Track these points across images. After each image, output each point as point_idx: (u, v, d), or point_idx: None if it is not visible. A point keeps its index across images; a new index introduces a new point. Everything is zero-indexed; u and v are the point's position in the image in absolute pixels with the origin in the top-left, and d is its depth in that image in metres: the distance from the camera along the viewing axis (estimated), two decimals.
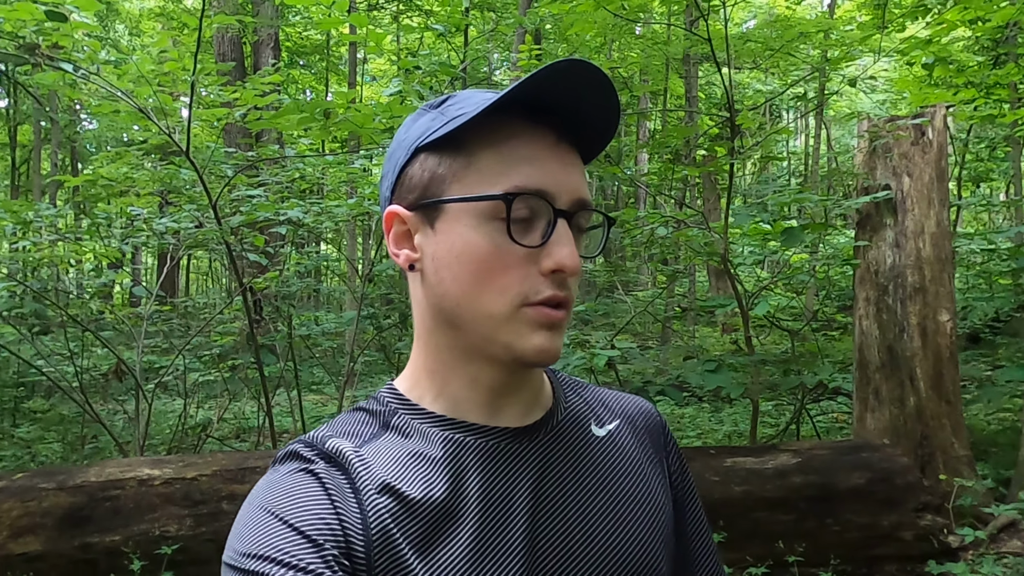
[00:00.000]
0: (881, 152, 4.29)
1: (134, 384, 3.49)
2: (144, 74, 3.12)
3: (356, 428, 0.70)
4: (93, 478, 2.83)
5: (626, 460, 0.78)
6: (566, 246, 0.65)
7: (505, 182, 0.65)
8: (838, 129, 22.70)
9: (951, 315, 4.18)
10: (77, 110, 17.70)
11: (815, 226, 3.42)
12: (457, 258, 0.67)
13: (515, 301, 0.65)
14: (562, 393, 0.79)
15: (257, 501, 0.63)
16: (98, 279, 4.37)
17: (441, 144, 0.68)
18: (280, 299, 4.71)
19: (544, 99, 0.66)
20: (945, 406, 4.09)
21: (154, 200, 4.18)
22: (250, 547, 0.59)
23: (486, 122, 0.66)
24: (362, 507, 0.63)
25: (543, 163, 0.66)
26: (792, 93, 6.82)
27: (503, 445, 0.70)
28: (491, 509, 0.67)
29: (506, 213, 0.64)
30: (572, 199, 0.67)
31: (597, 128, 0.70)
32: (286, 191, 4.33)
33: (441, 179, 0.68)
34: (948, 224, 4.27)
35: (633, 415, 0.83)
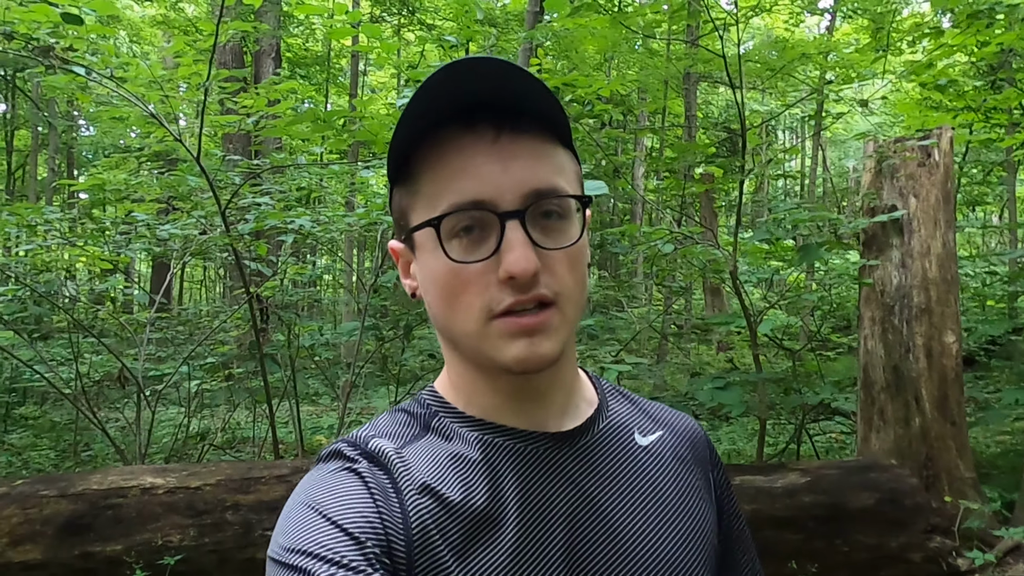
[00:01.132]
0: (888, 173, 4.31)
1: (135, 391, 3.44)
2: (156, 79, 3.10)
3: (398, 429, 0.71)
4: (95, 486, 2.78)
5: (670, 471, 0.76)
6: (513, 250, 0.63)
7: (443, 203, 0.64)
8: (834, 150, 22.87)
9: (957, 336, 4.18)
10: (75, 116, 17.68)
11: (833, 243, 3.41)
12: (429, 283, 0.68)
13: (481, 316, 0.65)
14: (606, 400, 0.79)
15: (301, 498, 0.64)
16: (100, 284, 4.34)
17: (399, 175, 0.69)
18: (282, 308, 4.68)
19: (466, 101, 0.64)
20: (950, 427, 4.08)
21: (154, 207, 4.15)
22: (294, 542, 0.60)
23: (422, 143, 0.66)
24: (404, 507, 0.63)
25: (478, 170, 0.64)
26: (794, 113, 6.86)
27: (542, 450, 0.70)
28: (530, 514, 0.66)
29: (437, 237, 0.64)
30: (521, 194, 0.64)
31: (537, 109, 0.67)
32: (291, 200, 4.31)
33: (406, 210, 0.69)
34: (954, 246, 4.28)
35: (677, 428, 0.82)
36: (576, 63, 12.36)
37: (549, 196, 0.65)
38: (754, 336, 3.60)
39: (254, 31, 3.85)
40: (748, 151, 4.15)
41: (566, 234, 0.67)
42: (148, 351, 5.39)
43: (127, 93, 3.03)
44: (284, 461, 3.06)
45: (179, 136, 3.11)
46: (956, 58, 8.69)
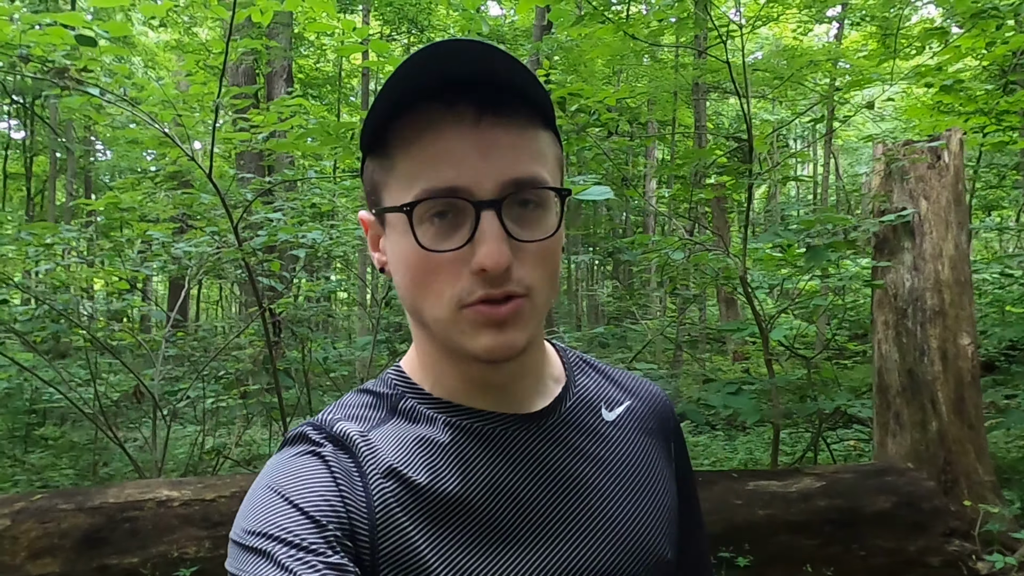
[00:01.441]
0: (897, 176, 4.30)
1: (151, 408, 3.49)
2: (169, 98, 3.16)
3: (364, 412, 0.70)
4: (112, 499, 2.81)
5: (635, 444, 0.77)
6: (487, 243, 0.61)
7: (416, 187, 0.62)
8: (846, 158, 22.78)
9: (972, 338, 4.14)
10: (92, 141, 17.96)
11: (839, 244, 3.40)
12: (398, 264, 0.67)
13: (451, 304, 0.64)
14: (573, 375, 0.78)
15: (264, 481, 0.64)
16: (118, 303, 4.40)
17: (371, 147, 0.67)
18: (296, 323, 4.71)
19: (449, 79, 0.62)
20: (968, 431, 4.04)
21: (171, 226, 4.22)
22: (255, 525, 0.60)
23: (400, 118, 0.63)
24: (368, 490, 0.63)
25: (456, 155, 0.62)
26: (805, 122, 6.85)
27: (510, 432, 0.70)
28: (499, 496, 0.66)
29: (409, 224, 0.62)
30: (499, 183, 0.62)
31: (521, 91, 0.64)
32: (302, 216, 4.37)
33: (377, 186, 0.67)
34: (966, 247, 4.25)
35: (644, 395, 0.83)
36: (585, 77, 12.43)
37: (528, 186, 0.63)
38: (766, 342, 3.59)
39: (265, 50, 3.90)
40: (758, 158, 4.16)
41: (542, 225, 0.65)
42: (165, 369, 5.46)
43: (140, 113, 3.09)
44: None
45: (191, 154, 3.16)
46: (966, 62, 8.66)
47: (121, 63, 2.96)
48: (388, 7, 10.77)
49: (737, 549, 2.88)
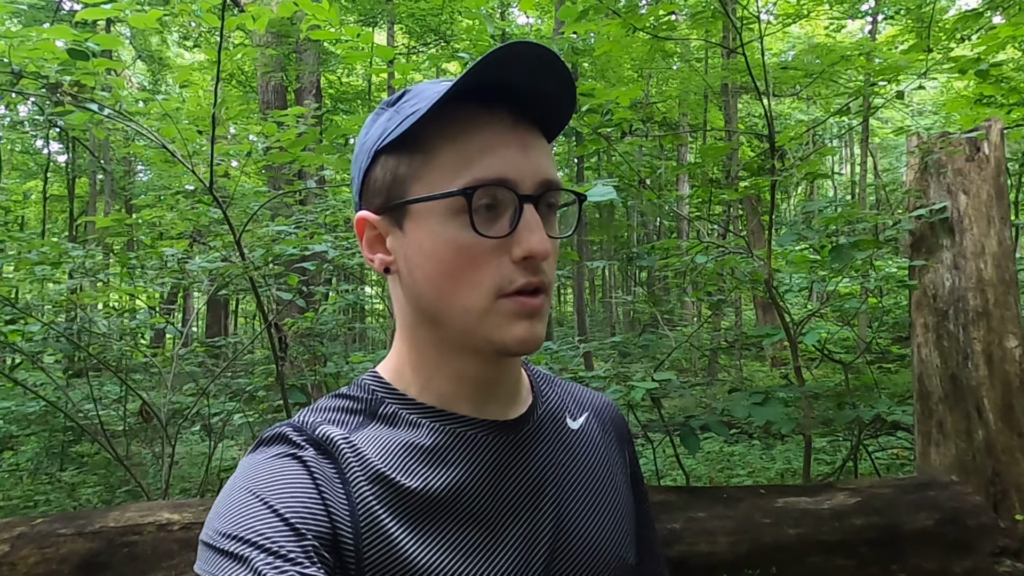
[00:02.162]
0: (934, 170, 4.07)
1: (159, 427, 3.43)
2: (168, 112, 3.11)
3: (342, 416, 0.70)
4: (112, 523, 2.74)
5: (597, 452, 0.80)
6: (535, 231, 0.64)
7: (465, 175, 0.64)
8: (884, 156, 22.20)
9: (1019, 340, 3.88)
10: (131, 162, 18.33)
11: (866, 242, 3.20)
12: (428, 258, 0.66)
13: (490, 294, 0.65)
14: (539, 387, 0.81)
15: (241, 482, 0.62)
16: (129, 321, 4.38)
17: (399, 144, 0.67)
18: (312, 337, 4.64)
19: (497, 83, 0.64)
20: (1018, 439, 3.78)
21: (183, 242, 4.18)
22: (230, 527, 0.58)
23: (441, 115, 0.65)
24: (350, 497, 0.62)
25: (502, 150, 0.65)
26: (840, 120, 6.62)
27: (492, 438, 0.71)
28: (483, 499, 0.67)
29: (467, 208, 0.64)
30: (536, 181, 0.66)
31: (554, 105, 0.68)
32: (320, 228, 4.30)
33: (403, 180, 0.67)
34: (1011, 243, 4.00)
35: (599, 408, 0.86)
36: (613, 82, 12.27)
37: (556, 188, 0.68)
38: (794, 348, 3.39)
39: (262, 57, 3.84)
40: (793, 156, 3.99)
41: (560, 228, 0.71)
42: (188, 386, 5.44)
43: (139, 127, 3.03)
44: None
45: (192, 167, 3.09)
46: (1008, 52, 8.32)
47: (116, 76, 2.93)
48: (411, 18, 10.77)
49: (764, 572, 2.69)
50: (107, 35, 2.59)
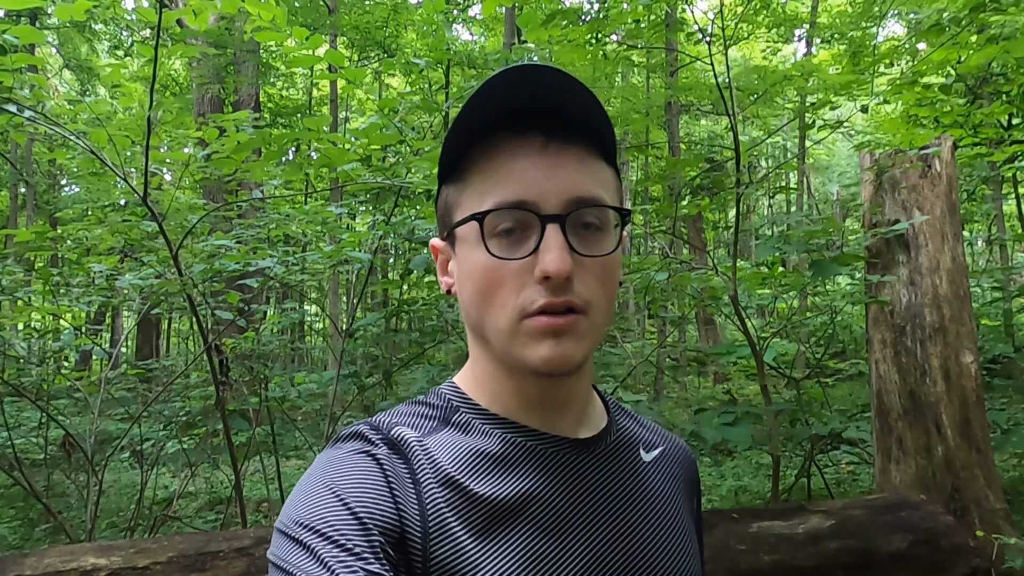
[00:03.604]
0: (889, 186, 4.08)
1: (82, 459, 3.12)
2: (99, 116, 2.85)
3: (418, 420, 0.72)
4: (29, 571, 2.44)
5: (667, 489, 0.79)
6: (551, 251, 0.65)
7: (489, 200, 0.67)
8: (817, 176, 22.91)
9: (974, 356, 3.91)
10: (56, 174, 17.47)
11: (847, 256, 3.16)
12: (466, 278, 0.70)
13: (514, 315, 0.67)
14: (614, 414, 0.82)
15: (317, 474, 0.65)
16: (54, 343, 4.03)
17: (449, 173, 0.73)
18: (255, 359, 4.36)
19: (517, 107, 0.66)
20: (975, 454, 3.79)
21: (114, 258, 3.87)
22: (303, 517, 0.60)
23: (475, 144, 0.68)
24: (420, 497, 0.64)
25: (524, 173, 0.67)
26: (776, 141, 6.70)
27: (562, 453, 0.72)
28: (550, 512, 0.68)
29: (480, 232, 0.67)
30: (563, 200, 0.66)
31: (583, 121, 0.69)
32: (262, 244, 4.05)
33: (451, 207, 0.72)
34: (963, 260, 4.03)
35: (672, 449, 0.86)
36: None
37: (589, 204, 0.68)
38: (761, 366, 3.32)
39: (198, 66, 3.61)
40: (747, 170, 3.95)
41: (602, 245, 0.69)
42: (119, 412, 5.06)
43: (65, 131, 2.77)
44: (247, 531, 2.72)
45: (124, 176, 2.84)
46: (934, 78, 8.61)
47: (37, 74, 2.68)
48: (355, 30, 10.56)
49: None
50: (28, 27, 2.33)
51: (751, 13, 12.42)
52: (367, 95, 16.78)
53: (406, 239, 3.95)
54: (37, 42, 2.50)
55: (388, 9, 11.53)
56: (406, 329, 4.89)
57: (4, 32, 2.37)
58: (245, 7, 2.83)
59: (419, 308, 4.45)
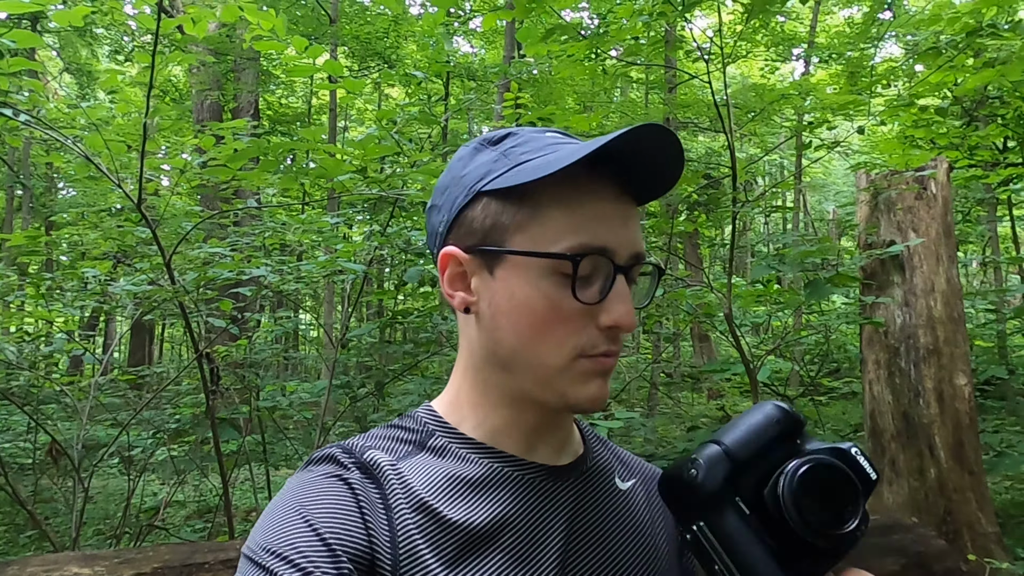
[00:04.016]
0: (884, 207, 4.09)
1: (72, 465, 3.09)
2: (95, 121, 2.84)
3: (392, 444, 0.71)
4: None
5: (640, 517, 0.79)
6: (624, 304, 0.67)
7: (571, 239, 0.66)
8: (813, 195, 22.98)
9: (968, 378, 3.91)
10: (53, 177, 17.44)
11: (843, 277, 3.16)
12: (516, 308, 0.68)
13: (572, 354, 0.67)
14: (590, 443, 0.81)
15: (286, 498, 0.64)
16: (46, 347, 4.01)
17: (505, 192, 0.68)
18: (247, 367, 4.34)
19: (610, 153, 0.66)
20: (968, 477, 3.78)
21: (107, 264, 3.85)
22: (269, 542, 0.59)
23: (559, 175, 0.66)
24: (391, 522, 0.63)
25: (607, 220, 0.67)
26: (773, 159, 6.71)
27: (539, 480, 0.71)
28: (525, 540, 0.67)
29: (572, 272, 0.65)
30: (630, 253, 0.68)
31: (657, 184, 0.70)
32: (257, 252, 4.03)
33: (504, 228, 0.68)
34: (958, 282, 4.04)
35: (648, 477, 0.85)
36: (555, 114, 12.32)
37: (644, 261, 0.70)
38: (754, 384, 3.31)
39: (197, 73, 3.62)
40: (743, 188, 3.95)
41: (642, 298, 0.74)
42: (108, 418, 5.02)
43: (60, 136, 2.76)
44: (234, 542, 2.70)
45: (119, 182, 2.83)
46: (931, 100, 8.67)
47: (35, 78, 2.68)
48: (355, 41, 10.60)
49: None
50: (26, 31, 2.33)
51: (750, 32, 12.51)
52: (367, 104, 16.81)
53: (402, 250, 3.94)
54: (35, 46, 2.49)
55: (389, 20, 11.58)
56: (400, 340, 4.87)
57: (1, 35, 2.36)
58: (245, 16, 2.83)
59: (414, 319, 4.43)
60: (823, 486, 0.58)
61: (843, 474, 0.59)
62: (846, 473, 0.59)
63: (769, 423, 0.61)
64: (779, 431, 0.61)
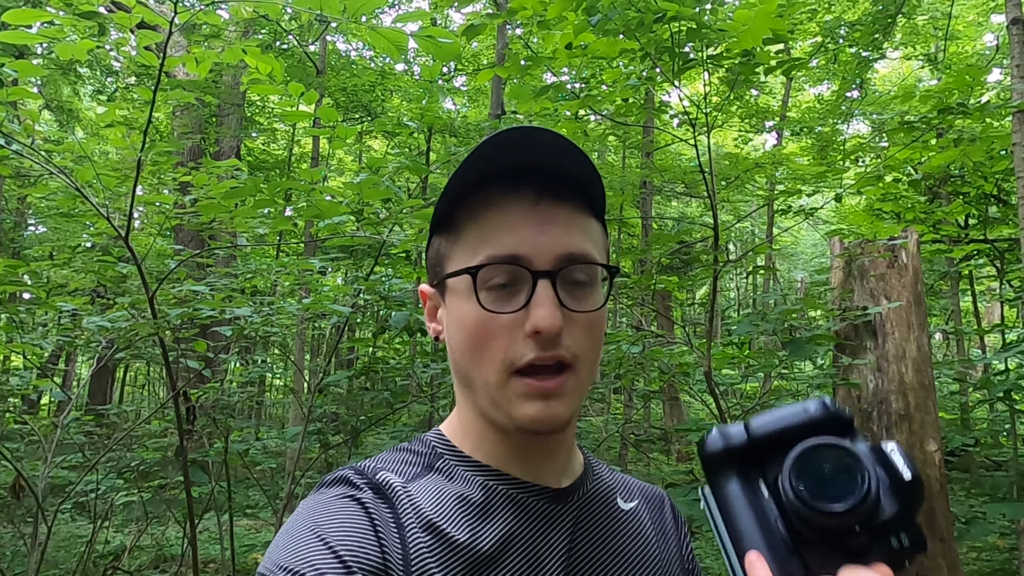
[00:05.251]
0: (858, 274, 4.21)
1: (36, 502, 2.98)
2: (86, 154, 2.85)
3: (402, 467, 0.72)
4: None
5: (647, 537, 0.79)
6: (542, 307, 0.66)
7: (481, 254, 0.68)
8: (783, 263, 23.48)
9: (938, 444, 3.97)
10: (24, 212, 17.20)
11: (822, 336, 3.22)
12: (457, 329, 0.71)
13: (503, 368, 0.67)
14: (591, 465, 0.82)
15: (301, 519, 0.65)
16: (6, 381, 3.90)
17: (440, 224, 0.73)
18: (218, 410, 4.26)
19: (516, 165, 0.68)
20: (939, 545, 3.80)
21: (84, 299, 3.80)
22: (286, 560, 0.60)
23: (469, 197, 0.70)
24: (404, 542, 0.64)
25: (517, 228, 0.68)
26: (744, 227, 6.90)
27: (541, 503, 0.72)
28: (528, 562, 0.68)
29: (473, 285, 0.67)
30: (554, 256, 0.67)
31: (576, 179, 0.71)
32: (236, 292, 4.01)
33: (442, 257, 0.73)
34: (929, 349, 4.14)
35: (651, 499, 0.86)
36: None
37: (580, 261, 0.69)
38: None
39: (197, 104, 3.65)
40: (723, 250, 4.05)
41: (591, 300, 0.71)
42: (70, 459, 4.86)
43: (53, 167, 2.75)
44: None
45: (108, 215, 2.82)
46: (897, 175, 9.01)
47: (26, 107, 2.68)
48: (342, 92, 10.77)
49: None
50: (27, 62, 2.35)
51: (725, 103, 12.95)
52: (347, 156, 16.99)
53: (382, 298, 3.94)
54: (33, 75, 2.50)
55: (375, 74, 11.80)
56: (373, 388, 4.83)
57: (1, 66, 2.38)
58: (245, 59, 2.89)
59: (390, 368, 4.41)
60: (822, 466, 0.55)
61: (843, 453, 0.55)
62: (846, 452, 0.55)
63: (801, 411, 0.59)
64: (809, 419, 0.58)
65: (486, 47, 13.14)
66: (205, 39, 5.55)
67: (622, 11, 2.30)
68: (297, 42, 11.41)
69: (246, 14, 2.56)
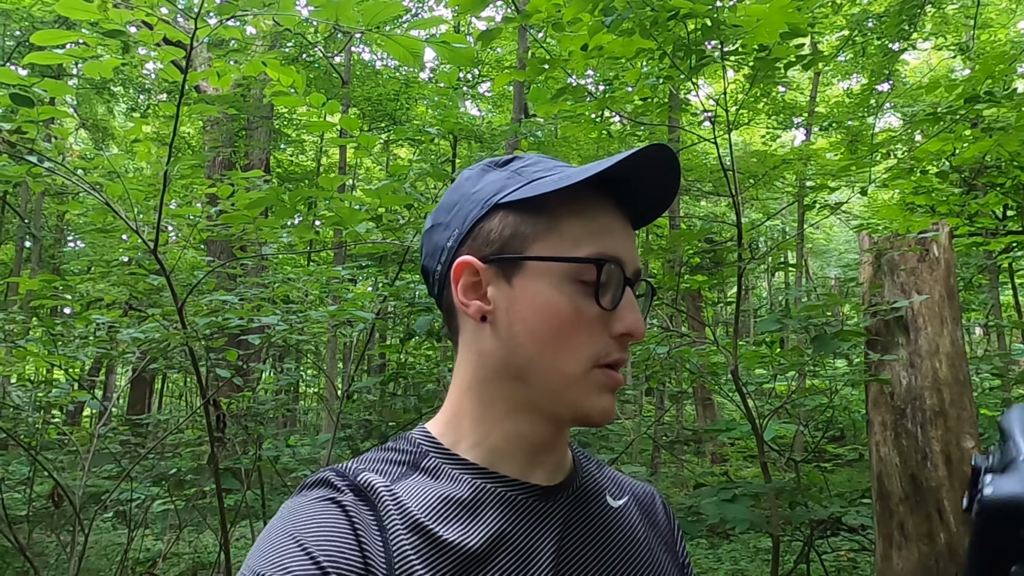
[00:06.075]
0: (888, 269, 4.14)
1: (73, 510, 3.06)
2: (116, 169, 2.92)
3: (386, 467, 0.71)
4: None
5: (638, 534, 0.79)
6: (634, 312, 0.70)
7: (588, 248, 0.69)
8: (815, 260, 23.16)
9: (976, 441, 3.88)
10: (63, 229, 17.65)
11: (849, 332, 3.18)
12: (536, 314, 0.69)
13: (588, 362, 0.68)
14: (579, 462, 0.82)
15: (280, 523, 0.64)
16: (49, 393, 4.01)
17: (523, 204, 0.71)
18: (250, 417, 4.33)
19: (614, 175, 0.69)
20: None
21: (117, 312, 3.89)
22: (263, 566, 0.59)
23: (566, 190, 0.70)
24: (387, 544, 0.63)
25: (617, 233, 0.71)
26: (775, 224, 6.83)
27: (531, 501, 0.72)
28: (517, 561, 0.67)
29: (596, 276, 0.68)
30: (634, 268, 0.71)
31: (652, 207, 0.75)
32: (265, 302, 4.07)
33: (523, 237, 0.70)
34: (963, 344, 4.05)
35: (641, 496, 0.86)
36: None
37: (641, 279, 0.74)
38: (761, 443, 3.30)
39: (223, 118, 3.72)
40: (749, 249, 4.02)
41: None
42: (108, 469, 4.97)
43: (82, 182, 2.83)
44: None
45: (137, 227, 2.88)
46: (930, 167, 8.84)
47: (59, 125, 2.77)
48: (367, 101, 10.88)
49: None
50: (54, 81, 2.42)
51: (751, 100, 12.82)
52: (375, 164, 17.15)
53: (408, 304, 3.97)
54: (63, 95, 2.59)
55: (400, 83, 11.90)
56: (403, 394, 4.87)
57: (32, 85, 2.45)
58: (267, 72, 2.94)
59: (417, 373, 4.44)
60: None
61: None
62: None
63: None
64: None
65: (508, 52, 13.18)
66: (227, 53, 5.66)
67: (636, 10, 2.30)
68: (323, 53, 11.55)
69: (265, 28, 2.62)
